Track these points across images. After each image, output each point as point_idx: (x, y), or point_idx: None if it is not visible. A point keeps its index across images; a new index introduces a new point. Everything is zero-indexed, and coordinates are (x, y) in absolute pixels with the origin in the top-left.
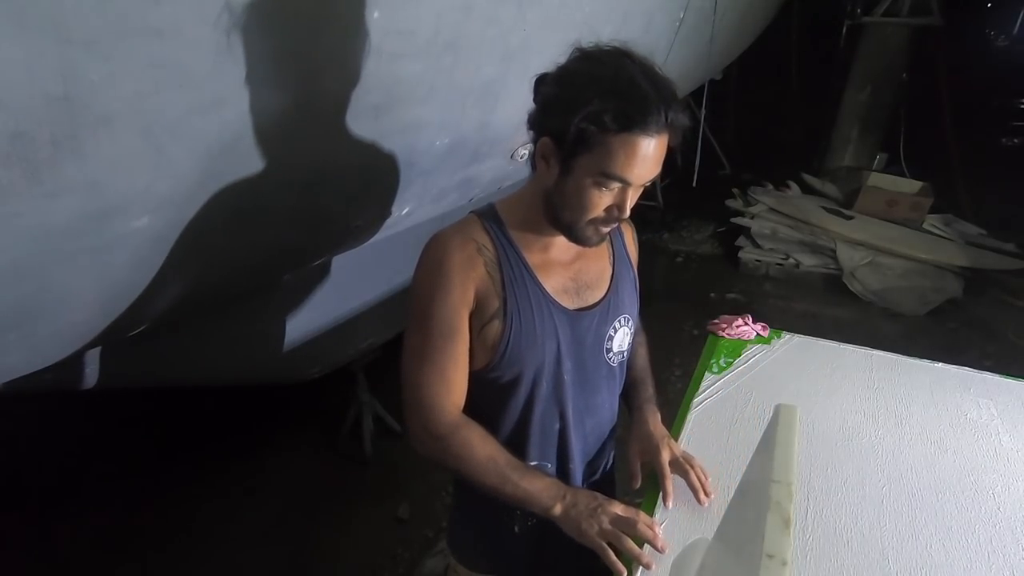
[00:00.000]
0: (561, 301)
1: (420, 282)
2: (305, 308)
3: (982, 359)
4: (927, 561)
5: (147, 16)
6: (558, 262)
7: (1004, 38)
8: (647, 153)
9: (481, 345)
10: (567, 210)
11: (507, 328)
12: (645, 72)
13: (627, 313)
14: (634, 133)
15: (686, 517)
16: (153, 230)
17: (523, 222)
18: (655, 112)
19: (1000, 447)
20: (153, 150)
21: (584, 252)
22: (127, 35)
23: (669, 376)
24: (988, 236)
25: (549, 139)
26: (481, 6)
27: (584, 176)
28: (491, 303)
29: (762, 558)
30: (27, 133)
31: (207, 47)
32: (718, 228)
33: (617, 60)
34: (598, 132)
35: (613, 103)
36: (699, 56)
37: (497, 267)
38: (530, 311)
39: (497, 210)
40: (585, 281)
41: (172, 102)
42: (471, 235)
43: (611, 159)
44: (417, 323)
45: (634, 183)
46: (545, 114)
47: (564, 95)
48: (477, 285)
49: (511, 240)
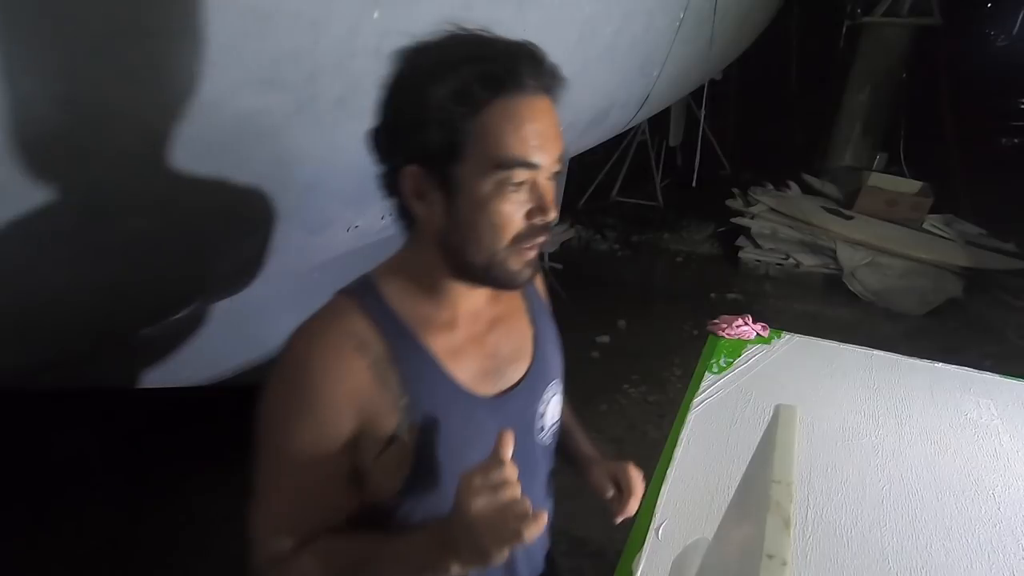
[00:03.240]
0: (481, 391)
1: (272, 400)
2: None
3: (982, 359)
4: (927, 561)
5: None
6: (469, 340)
7: (1004, 38)
8: (539, 117)
9: (381, 474)
10: (478, 242)
11: (416, 449)
12: (486, 33)
13: (556, 377)
14: (513, 95)
15: (686, 517)
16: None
17: (415, 295)
18: (526, 62)
19: (1000, 447)
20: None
21: (499, 319)
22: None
23: (669, 376)
24: (988, 236)
25: (414, 166)
26: (481, 6)
27: (478, 182)
28: (386, 419)
29: (762, 558)
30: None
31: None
32: (718, 228)
33: (449, 34)
34: (470, 112)
35: (474, 68)
36: (699, 56)
37: (389, 367)
38: (444, 419)
39: (378, 285)
40: (505, 355)
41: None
42: (346, 329)
43: (500, 139)
44: (265, 448)
45: (542, 164)
46: (396, 138)
47: (411, 99)
48: (361, 401)
49: (404, 324)
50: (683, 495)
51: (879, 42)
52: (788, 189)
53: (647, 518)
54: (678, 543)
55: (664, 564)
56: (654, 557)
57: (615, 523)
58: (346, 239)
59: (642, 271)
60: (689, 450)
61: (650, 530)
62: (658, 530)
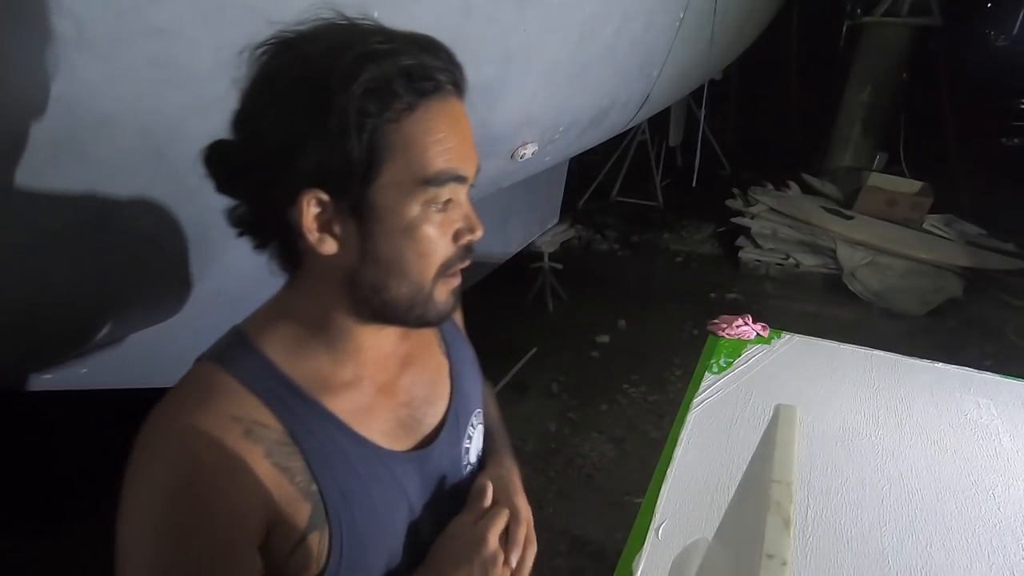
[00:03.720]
0: (400, 447)
1: (138, 519)
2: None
3: (982, 359)
4: (927, 561)
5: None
6: (378, 392)
7: (1004, 38)
8: (460, 122)
9: (299, 567)
10: (401, 274)
11: (336, 532)
12: (372, 22)
13: (477, 407)
14: (434, 97)
15: (686, 517)
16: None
17: (307, 348)
18: (443, 57)
19: (1000, 447)
20: None
21: (409, 358)
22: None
23: (669, 376)
24: (988, 236)
25: (318, 191)
26: (481, 6)
27: (402, 203)
28: (296, 516)
29: (762, 558)
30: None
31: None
32: (718, 228)
33: (331, 24)
34: (391, 121)
35: (389, 65)
36: (699, 56)
37: (292, 449)
38: (364, 489)
39: (256, 344)
40: (420, 400)
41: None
42: (227, 412)
43: (426, 150)
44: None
45: (468, 173)
46: (289, 157)
47: (316, 104)
48: (264, 499)
49: (298, 388)
50: (683, 495)
51: (879, 42)
52: (788, 189)
53: (647, 518)
54: (678, 543)
55: (664, 564)
56: (654, 557)
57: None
58: None
59: (642, 271)
60: (689, 450)
61: (650, 530)
62: (658, 530)
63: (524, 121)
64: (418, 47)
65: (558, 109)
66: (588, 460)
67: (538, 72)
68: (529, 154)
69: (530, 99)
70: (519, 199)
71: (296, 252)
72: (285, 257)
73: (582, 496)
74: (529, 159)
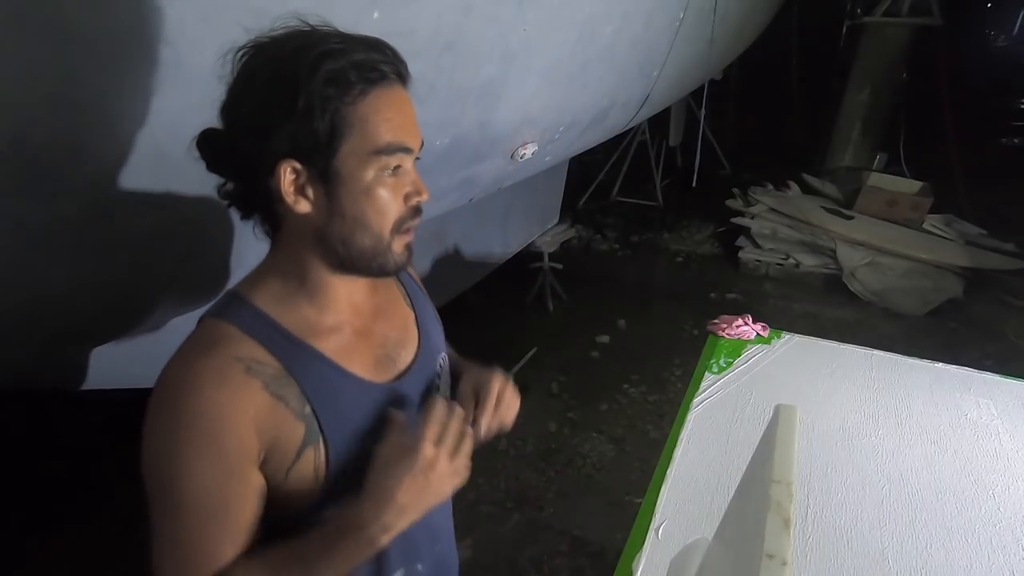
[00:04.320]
0: (378, 380)
1: (160, 446)
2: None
3: (982, 359)
4: (927, 561)
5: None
6: (357, 335)
7: (1004, 38)
8: (405, 105)
9: (295, 489)
10: (364, 228)
11: (329, 453)
12: (331, 27)
13: (441, 351)
14: (383, 85)
15: (686, 517)
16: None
17: (294, 300)
18: (388, 54)
19: (1000, 447)
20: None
21: (380, 309)
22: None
23: (669, 376)
24: (988, 236)
25: (292, 160)
26: (481, 6)
27: (360, 170)
28: (292, 435)
29: (762, 558)
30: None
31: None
32: (718, 228)
33: (297, 31)
34: (348, 103)
35: (349, 59)
36: (699, 56)
37: (287, 380)
38: (352, 412)
39: (250, 300)
40: (394, 342)
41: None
42: (231, 353)
43: (378, 126)
44: (162, 506)
45: (414, 147)
46: (268, 134)
47: (287, 91)
48: (263, 423)
49: (289, 333)
50: (683, 495)
51: (879, 42)
52: (788, 189)
53: (647, 518)
54: (678, 543)
55: (664, 564)
56: (654, 557)
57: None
58: None
59: (642, 271)
60: (689, 450)
61: (650, 530)
62: (658, 530)
63: (524, 121)
64: (367, 46)
65: (558, 109)
66: (588, 460)
67: (538, 72)
68: (529, 154)
69: (530, 99)
70: (519, 199)
71: (277, 216)
72: (268, 222)
73: (582, 496)
74: (529, 159)
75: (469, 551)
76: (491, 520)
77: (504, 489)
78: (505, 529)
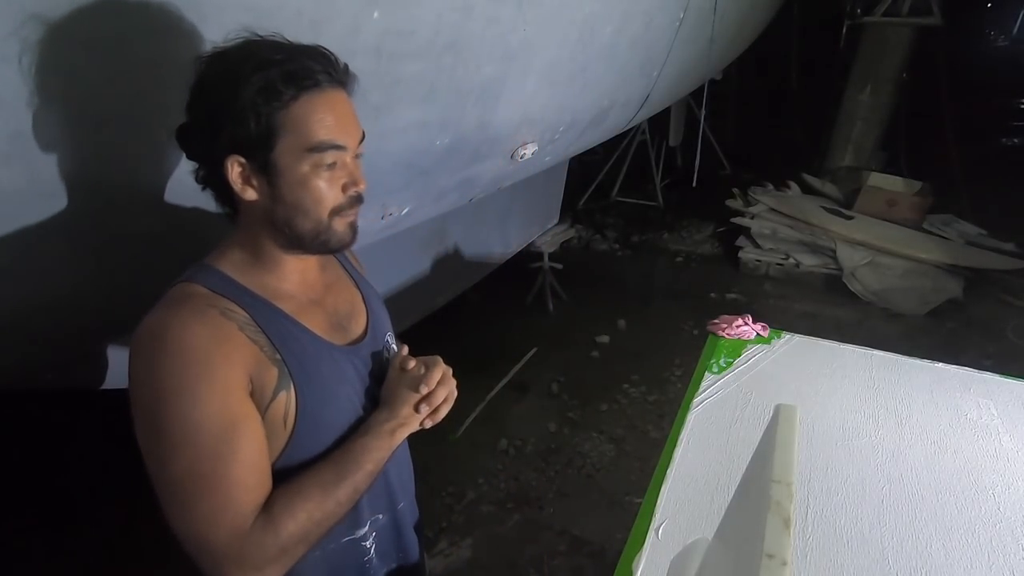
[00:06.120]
0: (335, 340)
1: (156, 385)
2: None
3: (982, 359)
4: (927, 561)
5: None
6: (310, 303)
7: (1004, 38)
8: (338, 107)
9: (270, 431)
10: (303, 213)
11: (299, 396)
12: (280, 38)
13: (389, 330)
14: (313, 90)
15: (686, 517)
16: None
17: (254, 268)
18: (321, 61)
19: (1000, 447)
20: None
21: (330, 285)
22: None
23: (669, 376)
24: (988, 236)
25: (236, 155)
26: (481, 6)
27: (296, 164)
28: (268, 375)
29: (762, 558)
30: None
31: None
32: (718, 228)
33: (247, 40)
34: (279, 108)
35: (277, 70)
36: (699, 56)
37: (256, 327)
38: (315, 364)
39: (216, 267)
40: (344, 314)
41: None
42: (205, 302)
43: (308, 127)
44: (172, 447)
45: (347, 145)
46: (214, 133)
47: (225, 98)
48: (243, 359)
49: (253, 293)
50: (683, 495)
51: (879, 42)
52: (788, 189)
53: (647, 518)
54: (678, 543)
55: (664, 564)
56: (654, 557)
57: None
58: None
59: (642, 271)
60: (689, 450)
61: (650, 530)
62: (658, 530)
63: (524, 121)
64: (304, 55)
65: (558, 109)
66: (588, 460)
67: (538, 72)
68: (529, 154)
69: (530, 99)
70: (519, 199)
71: (234, 201)
72: (228, 204)
73: (582, 496)
74: (529, 159)
75: (469, 551)
76: (491, 520)
77: (504, 489)
78: (505, 529)
